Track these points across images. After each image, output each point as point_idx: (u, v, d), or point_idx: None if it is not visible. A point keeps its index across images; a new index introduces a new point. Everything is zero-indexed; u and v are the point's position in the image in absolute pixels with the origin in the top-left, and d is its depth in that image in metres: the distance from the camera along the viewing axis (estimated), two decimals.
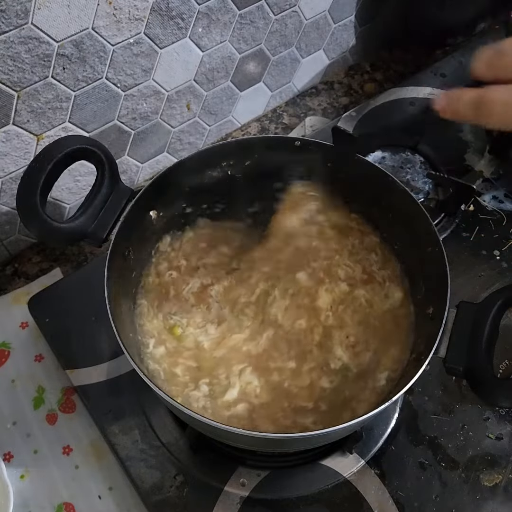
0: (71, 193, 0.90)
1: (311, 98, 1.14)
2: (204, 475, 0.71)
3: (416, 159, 0.94)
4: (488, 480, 0.71)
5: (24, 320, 0.84)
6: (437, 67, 1.10)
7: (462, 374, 0.59)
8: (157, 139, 0.95)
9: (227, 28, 0.89)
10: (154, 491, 0.70)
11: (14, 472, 0.74)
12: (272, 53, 1.00)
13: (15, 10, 0.65)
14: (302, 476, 0.72)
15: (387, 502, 0.70)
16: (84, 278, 0.85)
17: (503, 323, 0.61)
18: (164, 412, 0.75)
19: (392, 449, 0.73)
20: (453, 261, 0.65)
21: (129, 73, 0.82)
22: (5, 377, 0.80)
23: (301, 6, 0.96)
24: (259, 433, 0.59)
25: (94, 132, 0.85)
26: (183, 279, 0.76)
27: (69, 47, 0.73)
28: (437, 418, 0.75)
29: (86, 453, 0.76)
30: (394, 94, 1.06)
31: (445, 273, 0.63)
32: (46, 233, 0.64)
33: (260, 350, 0.69)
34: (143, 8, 0.76)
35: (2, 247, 0.90)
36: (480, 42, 1.14)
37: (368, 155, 0.93)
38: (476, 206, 0.93)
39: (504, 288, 0.63)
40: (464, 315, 0.61)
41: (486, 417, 0.75)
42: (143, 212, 0.71)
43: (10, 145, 0.77)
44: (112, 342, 0.78)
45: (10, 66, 0.69)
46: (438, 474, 0.72)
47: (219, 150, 0.74)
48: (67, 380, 0.78)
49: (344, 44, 1.12)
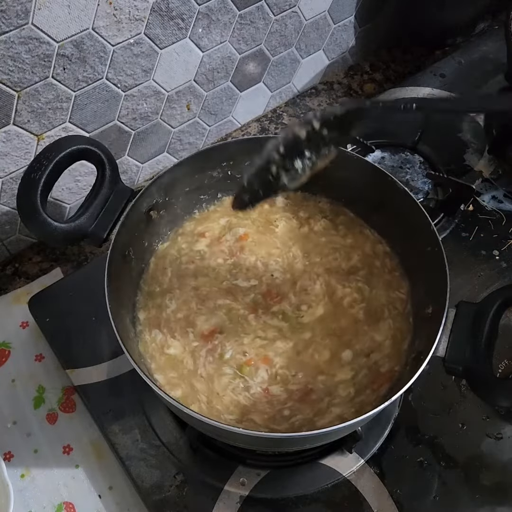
0: (72, 193, 0.90)
1: (311, 98, 1.14)
2: (204, 475, 0.71)
3: (416, 159, 0.95)
4: (487, 479, 0.72)
5: (25, 319, 0.84)
6: (436, 67, 1.11)
7: (462, 373, 0.60)
8: (157, 139, 0.95)
9: (227, 29, 0.89)
10: (154, 490, 0.71)
11: (15, 472, 0.74)
12: (272, 53, 1.00)
13: (15, 10, 0.65)
14: (302, 475, 0.72)
15: (386, 501, 0.70)
16: (84, 278, 0.85)
17: (503, 322, 0.61)
18: (164, 412, 0.75)
19: (391, 448, 0.73)
20: (453, 261, 0.65)
21: (129, 74, 0.82)
22: (5, 377, 0.80)
23: (300, 7, 0.96)
24: (258, 432, 0.59)
25: (94, 132, 0.85)
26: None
27: (70, 48, 0.73)
28: (436, 417, 0.75)
29: (86, 452, 0.76)
30: (394, 94, 1.06)
31: (445, 273, 0.63)
32: (46, 233, 0.64)
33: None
34: (143, 9, 0.76)
35: (2, 247, 0.90)
36: (480, 42, 1.15)
37: (368, 155, 0.93)
38: (476, 206, 0.93)
39: (504, 288, 0.64)
40: (463, 315, 0.61)
41: (486, 417, 0.75)
42: (143, 212, 0.72)
43: (10, 145, 0.77)
44: (112, 342, 0.78)
45: (10, 66, 0.69)
46: (437, 474, 0.72)
47: (220, 150, 0.74)
48: (67, 380, 0.78)
49: (343, 44, 1.12)
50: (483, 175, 0.97)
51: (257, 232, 0.79)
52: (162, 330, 0.71)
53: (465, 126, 1.02)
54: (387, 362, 0.69)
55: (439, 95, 1.05)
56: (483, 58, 1.11)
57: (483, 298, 0.62)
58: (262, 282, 0.74)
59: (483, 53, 1.12)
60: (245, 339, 0.70)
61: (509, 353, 0.78)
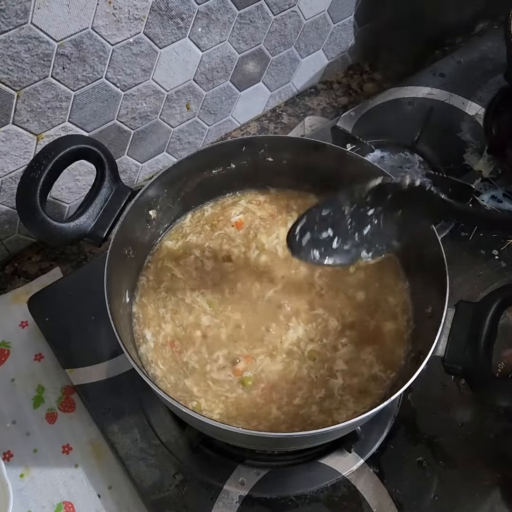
0: (71, 192, 0.90)
1: (311, 98, 1.14)
2: (204, 474, 0.71)
3: (415, 158, 0.95)
4: (486, 479, 0.72)
5: (24, 319, 0.84)
6: (436, 67, 1.11)
7: (461, 373, 0.60)
8: (156, 138, 0.95)
9: (226, 28, 0.89)
10: (153, 490, 0.71)
11: (14, 471, 0.74)
12: (271, 53, 1.00)
13: (14, 9, 0.65)
14: (301, 475, 0.72)
15: (385, 501, 0.70)
16: (84, 278, 0.85)
17: (502, 322, 0.61)
18: (164, 411, 0.75)
19: (391, 448, 0.73)
20: (452, 260, 0.65)
21: (128, 73, 0.82)
22: (4, 376, 0.80)
23: (300, 6, 0.96)
24: (257, 432, 0.59)
25: (93, 131, 0.85)
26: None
27: (69, 47, 0.73)
28: (436, 417, 0.75)
29: (86, 452, 0.76)
30: (393, 94, 1.06)
31: (444, 273, 0.63)
32: (45, 233, 0.64)
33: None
34: (142, 8, 0.76)
35: (2, 246, 0.90)
36: (479, 42, 1.15)
37: (367, 155, 0.93)
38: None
39: (503, 288, 0.64)
40: (463, 314, 0.61)
41: (485, 416, 0.75)
42: (143, 211, 0.72)
43: (10, 144, 0.77)
44: (111, 341, 0.78)
45: (9, 65, 0.69)
46: (437, 473, 0.72)
47: (219, 149, 0.75)
48: (67, 379, 0.78)
49: (343, 44, 1.12)
50: (482, 174, 0.97)
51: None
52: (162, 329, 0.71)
53: (464, 126, 1.02)
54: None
55: (439, 94, 1.05)
56: (482, 57, 1.11)
57: (483, 298, 0.62)
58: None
59: (482, 52, 1.12)
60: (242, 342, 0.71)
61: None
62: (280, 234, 0.78)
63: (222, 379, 0.68)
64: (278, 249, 0.77)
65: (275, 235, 0.78)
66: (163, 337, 0.71)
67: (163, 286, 0.75)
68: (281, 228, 0.78)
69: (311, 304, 0.73)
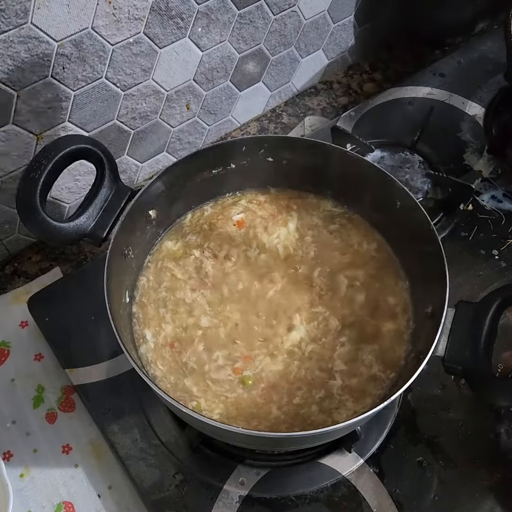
0: (71, 192, 0.90)
1: (310, 98, 1.14)
2: (204, 474, 0.71)
3: (415, 158, 0.95)
4: (486, 479, 0.72)
5: (24, 319, 0.84)
6: (436, 67, 1.11)
7: (461, 373, 0.60)
8: (156, 138, 0.95)
9: (226, 28, 0.89)
10: (153, 490, 0.71)
11: (14, 471, 0.74)
12: (271, 52, 1.00)
13: (14, 9, 0.65)
14: (301, 474, 0.72)
15: (385, 501, 0.70)
16: (83, 278, 0.85)
17: (502, 322, 0.61)
18: (164, 411, 0.75)
19: (391, 448, 0.73)
20: (452, 260, 0.65)
21: (128, 73, 0.82)
22: (4, 376, 0.80)
23: (300, 6, 0.96)
24: (257, 432, 0.59)
25: (93, 131, 0.85)
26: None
27: (69, 47, 0.73)
28: (435, 417, 0.75)
29: (86, 452, 0.76)
30: (393, 94, 1.06)
31: (444, 273, 0.63)
32: (45, 233, 0.64)
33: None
34: (142, 8, 0.76)
35: (1, 246, 0.90)
36: (479, 42, 1.15)
37: (367, 154, 0.93)
38: (475, 206, 0.93)
39: (503, 288, 0.64)
40: (463, 314, 0.61)
41: (485, 416, 0.75)
42: (143, 211, 0.72)
43: (9, 144, 0.77)
44: (111, 341, 0.77)
45: (9, 65, 0.69)
46: (436, 473, 0.72)
47: (219, 149, 0.75)
48: (67, 379, 0.78)
49: (343, 44, 1.12)
50: (482, 174, 0.97)
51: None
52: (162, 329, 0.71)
53: (464, 126, 1.02)
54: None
55: (439, 94, 1.05)
56: (482, 57, 1.11)
57: (483, 298, 0.62)
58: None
59: (482, 52, 1.12)
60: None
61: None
62: (280, 234, 0.78)
63: (222, 379, 0.68)
64: (278, 249, 0.77)
65: (275, 235, 0.78)
66: (163, 338, 0.71)
67: (163, 286, 0.75)
68: (281, 228, 0.78)
69: (311, 303, 0.73)
